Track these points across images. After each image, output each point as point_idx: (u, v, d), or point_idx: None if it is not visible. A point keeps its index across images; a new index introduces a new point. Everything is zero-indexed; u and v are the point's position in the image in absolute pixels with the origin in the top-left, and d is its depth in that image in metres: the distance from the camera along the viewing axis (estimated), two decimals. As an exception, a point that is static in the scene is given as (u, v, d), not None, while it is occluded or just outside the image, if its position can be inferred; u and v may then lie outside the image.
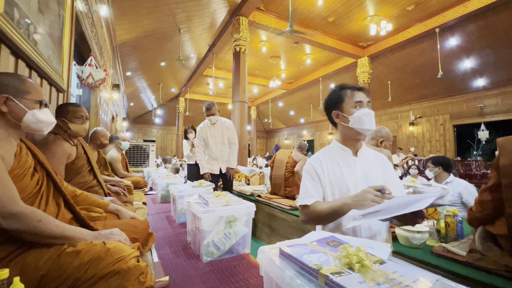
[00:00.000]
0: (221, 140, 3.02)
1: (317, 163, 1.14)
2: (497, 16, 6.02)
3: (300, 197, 1.11)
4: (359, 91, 1.14)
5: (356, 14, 6.59)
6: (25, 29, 1.28)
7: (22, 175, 0.89)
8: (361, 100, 1.11)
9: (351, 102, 1.11)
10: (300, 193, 1.14)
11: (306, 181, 1.13)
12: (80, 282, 0.77)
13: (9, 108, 0.90)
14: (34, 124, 0.96)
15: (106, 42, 4.58)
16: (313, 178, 1.12)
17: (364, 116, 1.08)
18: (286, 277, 0.64)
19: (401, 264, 0.63)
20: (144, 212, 1.98)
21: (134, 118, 15.58)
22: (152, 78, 10.25)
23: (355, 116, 1.08)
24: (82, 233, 0.89)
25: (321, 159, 1.15)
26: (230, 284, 1.33)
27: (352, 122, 1.09)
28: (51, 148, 1.40)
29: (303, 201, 1.09)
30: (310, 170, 1.13)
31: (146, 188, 3.82)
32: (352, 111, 1.10)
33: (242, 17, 6.12)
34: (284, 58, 9.45)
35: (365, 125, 1.08)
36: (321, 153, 1.20)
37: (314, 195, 1.08)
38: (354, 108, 1.10)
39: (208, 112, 3.00)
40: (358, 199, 0.91)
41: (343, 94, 1.14)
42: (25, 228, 0.77)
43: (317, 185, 1.10)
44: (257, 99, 15.68)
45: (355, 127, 1.09)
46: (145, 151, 6.06)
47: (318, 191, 1.10)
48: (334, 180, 1.09)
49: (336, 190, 1.08)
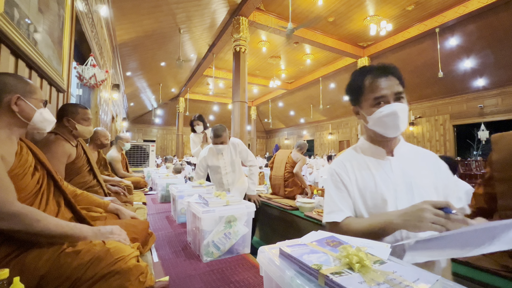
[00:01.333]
0: (232, 168, 2.47)
1: (341, 168, 0.91)
2: (497, 16, 6.03)
3: (326, 212, 0.88)
4: (384, 78, 0.83)
5: (356, 14, 6.59)
6: (25, 29, 1.28)
7: (22, 174, 0.89)
8: (384, 94, 0.82)
9: (370, 97, 0.84)
10: (325, 206, 0.91)
11: (331, 192, 0.90)
12: (80, 282, 0.77)
13: (20, 107, 0.92)
14: (41, 123, 0.99)
15: (106, 42, 4.58)
16: (339, 187, 0.89)
17: (386, 117, 0.81)
18: (286, 277, 0.64)
19: (401, 264, 0.63)
20: (144, 212, 1.99)
21: (134, 118, 15.59)
22: (152, 78, 10.26)
23: (373, 117, 0.84)
24: (82, 230, 0.88)
25: (345, 163, 0.92)
26: (230, 284, 1.33)
27: (371, 123, 0.86)
28: (51, 148, 1.40)
29: (330, 217, 0.86)
30: (333, 177, 0.91)
31: (146, 188, 3.83)
32: (372, 110, 0.84)
33: (242, 17, 6.12)
34: (284, 58, 9.46)
35: (388, 129, 0.82)
36: (345, 155, 0.96)
37: (343, 209, 0.85)
38: (373, 106, 0.84)
39: (216, 139, 2.31)
40: (410, 219, 0.68)
41: (362, 83, 0.86)
42: (21, 228, 0.77)
43: (345, 196, 0.87)
44: (257, 99, 15.69)
45: (375, 130, 0.86)
46: (145, 151, 6.06)
47: (348, 204, 0.87)
48: (364, 188, 0.86)
49: (369, 202, 0.84)
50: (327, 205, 0.90)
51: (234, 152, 2.46)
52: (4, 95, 0.89)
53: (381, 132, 0.84)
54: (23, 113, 0.93)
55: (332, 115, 13.86)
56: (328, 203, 0.90)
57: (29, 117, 0.95)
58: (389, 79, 0.83)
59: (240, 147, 2.48)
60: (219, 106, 15.52)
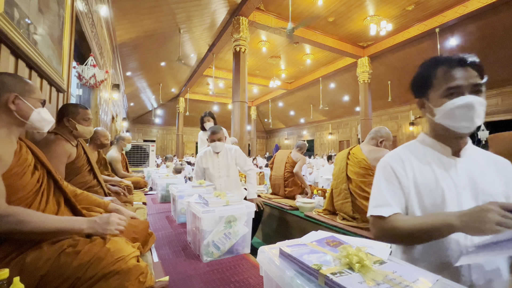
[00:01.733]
0: (226, 172, 2.43)
1: (396, 161, 0.85)
2: (497, 16, 6.02)
3: (373, 205, 0.84)
4: (461, 68, 0.75)
5: (356, 14, 6.59)
6: (25, 29, 1.28)
7: (22, 173, 0.89)
8: (459, 84, 0.74)
9: (442, 87, 0.76)
10: (371, 199, 0.86)
11: (380, 185, 0.85)
12: (80, 282, 0.77)
13: (17, 106, 0.92)
14: (39, 122, 0.99)
15: (106, 42, 4.58)
16: (391, 181, 0.84)
17: (459, 109, 0.73)
18: (286, 277, 0.65)
19: (401, 264, 0.63)
20: (144, 212, 1.99)
21: (134, 118, 15.59)
22: (152, 78, 10.26)
23: (444, 108, 0.76)
24: (76, 223, 0.86)
25: (404, 157, 0.86)
26: (230, 284, 1.33)
27: (439, 116, 0.78)
28: (51, 148, 1.40)
29: (377, 210, 0.81)
30: (386, 170, 0.86)
31: (146, 188, 3.83)
32: (443, 101, 0.76)
33: (242, 17, 6.12)
34: (284, 58, 9.45)
35: (461, 122, 0.74)
36: (403, 149, 0.90)
37: (392, 204, 0.80)
38: (445, 97, 0.76)
39: (213, 136, 2.34)
40: (472, 220, 0.62)
41: (432, 74, 0.80)
42: (9, 228, 0.76)
43: (397, 191, 0.82)
44: (257, 99, 15.69)
45: (445, 124, 0.78)
46: (145, 151, 6.06)
47: (398, 199, 0.82)
48: (423, 185, 0.80)
49: (426, 200, 0.79)
50: (374, 198, 0.85)
51: (230, 157, 2.44)
52: (2, 94, 0.89)
53: (452, 127, 0.76)
54: (20, 112, 0.93)
55: (332, 115, 13.86)
56: (375, 196, 0.85)
57: (26, 116, 0.95)
58: (466, 69, 0.75)
59: (237, 152, 2.47)
60: (219, 106, 15.52)
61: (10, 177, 0.84)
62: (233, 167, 2.46)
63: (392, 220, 0.77)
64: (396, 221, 0.77)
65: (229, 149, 2.48)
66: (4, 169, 0.83)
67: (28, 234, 0.79)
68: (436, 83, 0.79)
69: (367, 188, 1.86)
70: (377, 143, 2.02)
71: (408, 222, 0.74)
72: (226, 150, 2.47)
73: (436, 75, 0.79)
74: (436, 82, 0.79)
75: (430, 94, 0.81)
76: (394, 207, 0.80)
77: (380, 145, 2.01)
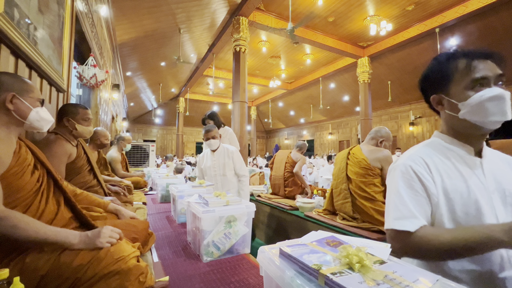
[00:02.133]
0: (222, 171, 2.45)
1: (419, 164, 0.75)
2: (497, 16, 6.02)
3: (394, 217, 0.72)
4: (484, 60, 0.71)
5: (356, 14, 6.59)
6: (25, 29, 1.28)
7: (21, 173, 0.89)
8: (486, 75, 0.69)
9: (466, 80, 0.71)
10: (391, 209, 0.74)
11: (402, 192, 0.73)
12: (80, 282, 0.77)
13: (15, 106, 0.92)
14: (37, 122, 0.98)
15: (106, 42, 4.58)
16: (414, 188, 0.72)
17: (489, 102, 0.67)
18: (286, 277, 0.64)
19: (401, 264, 0.63)
20: (144, 212, 1.99)
21: (134, 118, 15.59)
22: (152, 78, 10.26)
23: (472, 101, 0.69)
24: (68, 237, 0.83)
25: (425, 158, 0.75)
26: (230, 284, 1.33)
27: (466, 111, 0.70)
28: (52, 147, 1.40)
29: (400, 224, 0.70)
30: (407, 175, 0.74)
31: (146, 188, 3.83)
32: (468, 94, 0.70)
33: (242, 17, 6.12)
34: (284, 58, 9.45)
35: (491, 117, 0.68)
36: (423, 149, 0.80)
37: (418, 215, 0.70)
38: (470, 89, 0.70)
39: (207, 134, 2.41)
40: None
41: (451, 67, 0.74)
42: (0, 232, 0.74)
43: (422, 200, 0.72)
44: (257, 99, 15.69)
45: (471, 119, 0.70)
46: (145, 151, 6.05)
47: (424, 210, 0.71)
48: (453, 192, 0.71)
49: (458, 210, 0.70)
50: (395, 209, 0.73)
51: (227, 156, 2.46)
52: (0, 94, 0.89)
53: (480, 122, 0.69)
54: (18, 112, 0.92)
55: (332, 115, 13.86)
56: (397, 207, 0.72)
57: (24, 115, 0.94)
58: (487, 62, 0.71)
59: (235, 154, 2.47)
60: (219, 106, 15.52)
61: (9, 176, 0.84)
62: (229, 167, 2.45)
63: (422, 235, 0.67)
64: (427, 236, 0.66)
65: (226, 148, 2.49)
66: (3, 170, 0.82)
67: (19, 240, 0.76)
68: (458, 76, 0.73)
69: (367, 188, 1.86)
70: (377, 143, 2.02)
71: (444, 237, 0.65)
72: (224, 149, 2.48)
73: (458, 67, 0.73)
74: (458, 75, 0.73)
75: (451, 88, 0.74)
76: (420, 219, 0.69)
77: (380, 145, 2.01)
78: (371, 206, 1.82)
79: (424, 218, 0.70)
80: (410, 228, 0.68)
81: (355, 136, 12.75)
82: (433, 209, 0.72)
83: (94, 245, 0.84)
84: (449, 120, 0.78)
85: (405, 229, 0.69)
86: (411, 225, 0.69)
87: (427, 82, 0.82)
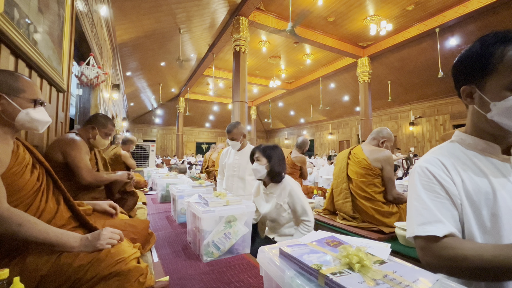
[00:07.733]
0: (242, 173, 2.28)
1: (437, 166, 0.68)
2: (497, 16, 6.03)
3: (418, 223, 0.65)
4: None
5: (356, 14, 6.59)
6: (25, 29, 1.28)
7: (21, 172, 0.89)
8: None
9: (509, 77, 0.58)
10: (413, 216, 0.67)
11: (423, 196, 0.66)
12: (80, 283, 0.77)
13: (2, 106, 0.89)
14: (29, 123, 0.95)
15: (106, 42, 4.58)
16: (435, 190, 0.66)
17: None
18: (286, 277, 0.64)
19: (401, 264, 0.63)
20: (144, 212, 1.99)
21: (134, 118, 15.60)
22: (152, 78, 10.26)
23: (505, 104, 0.59)
24: (69, 240, 0.83)
25: (443, 160, 0.68)
26: (230, 284, 1.33)
27: (496, 112, 0.61)
28: (78, 144, 1.52)
29: (425, 229, 0.62)
30: (424, 178, 0.68)
31: (146, 188, 3.83)
32: (505, 94, 0.59)
33: (242, 17, 6.12)
34: (284, 58, 9.46)
35: None
36: (439, 150, 0.73)
37: (443, 219, 0.62)
38: (509, 90, 0.59)
39: (228, 135, 2.34)
40: None
41: (498, 55, 0.60)
42: (6, 230, 0.74)
43: (445, 202, 0.64)
44: (257, 99, 15.69)
45: (501, 122, 0.61)
46: (145, 151, 6.06)
47: (451, 214, 0.63)
48: (477, 194, 0.63)
49: (485, 216, 0.62)
50: (417, 214, 0.65)
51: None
52: None
53: (508, 126, 0.61)
54: (5, 113, 0.90)
55: (332, 115, 13.86)
56: (418, 211, 0.65)
57: (12, 116, 0.91)
58: None
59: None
60: (219, 106, 15.52)
61: (9, 176, 0.84)
62: (249, 172, 2.28)
63: (453, 244, 0.59)
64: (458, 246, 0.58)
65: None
66: (3, 169, 0.82)
67: (21, 239, 0.76)
68: (501, 69, 0.59)
69: (367, 188, 1.86)
70: (378, 144, 2.02)
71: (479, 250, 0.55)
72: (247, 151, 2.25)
73: (505, 57, 0.58)
74: (501, 68, 0.59)
75: (489, 82, 0.62)
76: (447, 224, 0.61)
77: (381, 146, 2.01)
78: (371, 206, 1.82)
79: (452, 223, 0.63)
80: (437, 232, 0.61)
81: (355, 136, 12.76)
82: (459, 211, 0.64)
83: (94, 248, 0.84)
84: (476, 118, 0.68)
85: (432, 234, 0.61)
86: (437, 229, 0.61)
87: (461, 67, 0.69)
